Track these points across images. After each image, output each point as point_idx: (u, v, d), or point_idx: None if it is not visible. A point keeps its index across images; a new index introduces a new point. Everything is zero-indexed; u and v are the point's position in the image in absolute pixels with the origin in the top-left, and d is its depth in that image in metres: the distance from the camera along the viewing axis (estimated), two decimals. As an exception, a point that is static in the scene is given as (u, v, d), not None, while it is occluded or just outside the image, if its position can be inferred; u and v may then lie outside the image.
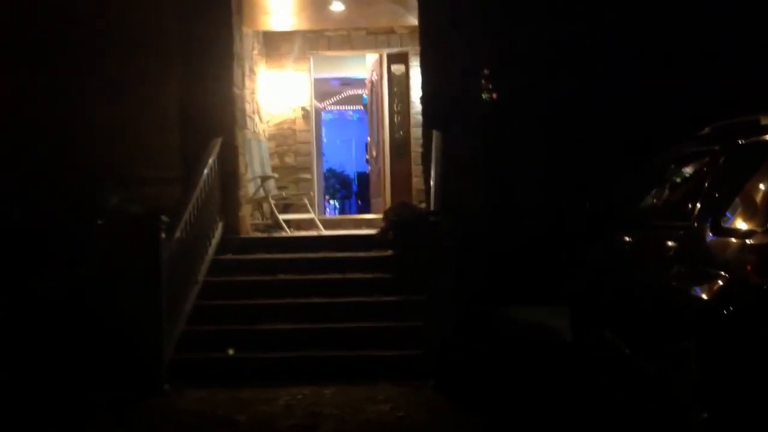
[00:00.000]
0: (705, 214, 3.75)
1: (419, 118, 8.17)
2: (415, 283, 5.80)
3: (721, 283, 3.39)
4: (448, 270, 5.28)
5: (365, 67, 10.75)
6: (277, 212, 8.18)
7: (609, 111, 7.19)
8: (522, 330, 6.34)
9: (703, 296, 3.48)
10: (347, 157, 17.92)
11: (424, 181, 7.34)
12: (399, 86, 9.94)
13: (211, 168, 6.64)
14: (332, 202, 16.24)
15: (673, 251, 4.01)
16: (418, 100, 7.90)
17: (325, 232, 8.26)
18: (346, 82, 12.56)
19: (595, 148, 7.11)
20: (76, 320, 5.75)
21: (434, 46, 7.18)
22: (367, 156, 10.94)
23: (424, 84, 7.32)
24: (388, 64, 9.95)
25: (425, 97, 7.31)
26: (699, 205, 3.84)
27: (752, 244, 3.31)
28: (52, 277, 6.04)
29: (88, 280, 5.94)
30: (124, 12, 7.67)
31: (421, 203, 7.62)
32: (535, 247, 6.86)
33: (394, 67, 9.96)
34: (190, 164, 6.68)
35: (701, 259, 3.69)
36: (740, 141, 3.80)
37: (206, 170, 6.50)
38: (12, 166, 7.09)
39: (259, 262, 6.73)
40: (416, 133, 9.22)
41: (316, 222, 8.61)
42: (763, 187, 3.49)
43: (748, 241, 3.35)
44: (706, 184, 3.88)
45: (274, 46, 9.89)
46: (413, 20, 8.19)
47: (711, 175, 3.89)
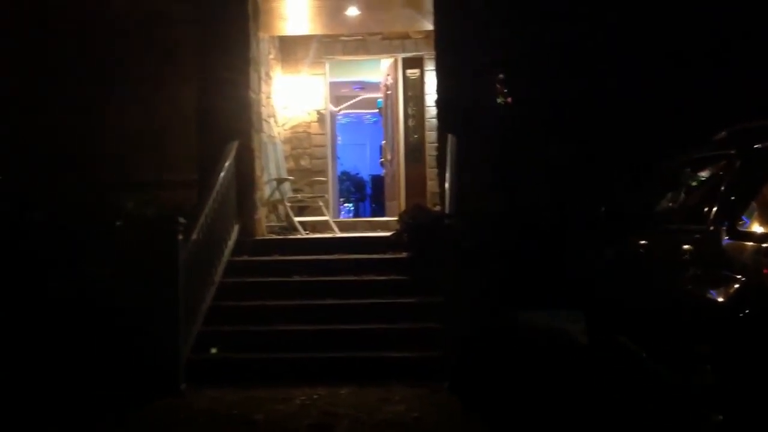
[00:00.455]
0: (721, 218, 3.76)
1: (434, 121, 8.20)
2: (430, 285, 5.84)
3: (737, 287, 3.40)
4: (464, 272, 5.30)
5: (380, 71, 10.81)
6: (292, 214, 8.23)
7: (625, 115, 7.20)
8: (537, 333, 6.34)
9: (719, 300, 3.48)
10: (361, 160, 17.93)
11: (438, 184, 7.35)
12: (414, 90, 10.00)
13: (228, 171, 6.69)
14: (347, 205, 16.26)
15: (689, 255, 4.01)
16: (433, 103, 7.94)
17: (339, 234, 8.29)
18: (361, 86, 12.61)
19: (611, 152, 7.12)
20: (95, 320, 5.81)
21: (449, 50, 7.21)
22: (382, 159, 10.98)
23: (439, 88, 7.36)
24: (403, 68, 10.01)
25: (440, 101, 7.34)
26: (715, 209, 3.85)
27: (768, 247, 3.32)
28: (71, 279, 6.11)
29: (107, 281, 6.01)
30: (143, 20, 7.79)
31: (436, 206, 7.64)
32: (550, 250, 6.87)
33: (408, 72, 10.02)
34: (207, 167, 6.74)
35: (717, 263, 3.69)
36: (757, 145, 3.81)
37: (223, 173, 6.55)
38: (33, 171, 7.22)
39: (275, 264, 6.78)
40: (431, 136, 9.26)
41: (331, 224, 8.65)
42: (779, 191, 3.50)
43: (764, 245, 3.36)
44: (722, 188, 3.88)
45: (290, 50, 9.97)
46: (428, 25, 8.24)
47: (727, 179, 3.90)
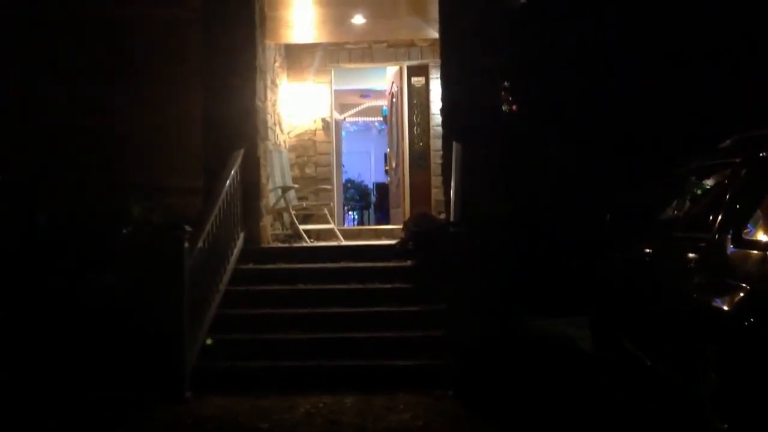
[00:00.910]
0: (726, 226, 3.76)
1: (439, 129, 8.21)
2: (435, 293, 5.85)
3: (741, 295, 3.40)
4: (469, 280, 5.31)
5: (385, 79, 10.84)
6: (297, 222, 8.24)
7: (624, 115, 7.20)
8: (542, 339, 6.34)
9: (724, 307, 3.48)
10: (366, 168, 17.96)
11: (443, 192, 7.36)
12: (419, 98, 10.01)
13: (233, 178, 6.70)
14: (351, 213, 16.28)
15: (694, 262, 4.02)
16: (438, 111, 7.95)
17: (344, 242, 8.30)
18: (366, 94, 12.64)
19: (611, 152, 7.12)
20: (100, 327, 5.84)
21: (454, 58, 7.23)
22: (387, 167, 10.99)
23: (444, 96, 7.37)
24: (408, 76, 10.03)
25: (445, 109, 7.36)
26: (720, 217, 3.85)
27: (773, 255, 3.32)
28: (75, 284, 6.14)
29: (113, 288, 6.04)
30: (150, 26, 7.84)
31: (441, 214, 7.65)
32: (554, 257, 6.87)
33: (414, 79, 10.04)
34: (212, 174, 6.75)
35: (722, 271, 3.69)
36: (762, 153, 3.81)
37: (228, 181, 6.57)
38: (37, 175, 7.27)
39: (280, 272, 6.79)
40: (436, 144, 9.28)
41: (336, 232, 8.66)
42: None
43: (769, 253, 3.36)
44: (728, 196, 3.89)
45: (296, 58, 10.01)
46: (433, 33, 8.27)
47: (732, 187, 3.90)
